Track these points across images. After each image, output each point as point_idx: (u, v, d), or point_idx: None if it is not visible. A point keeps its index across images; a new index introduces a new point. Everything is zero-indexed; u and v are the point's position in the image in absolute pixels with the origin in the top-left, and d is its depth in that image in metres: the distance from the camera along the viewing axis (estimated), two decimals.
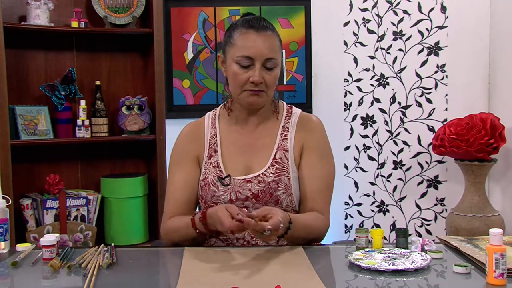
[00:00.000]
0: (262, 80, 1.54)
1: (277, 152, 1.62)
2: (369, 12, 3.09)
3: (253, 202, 1.58)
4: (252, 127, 1.66)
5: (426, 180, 3.10)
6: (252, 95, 1.57)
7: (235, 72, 1.55)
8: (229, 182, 1.59)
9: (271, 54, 1.55)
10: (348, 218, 3.17)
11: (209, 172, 1.62)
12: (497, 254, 1.14)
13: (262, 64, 1.54)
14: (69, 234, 2.62)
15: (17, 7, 2.73)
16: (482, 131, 2.62)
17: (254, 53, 1.53)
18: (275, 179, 1.58)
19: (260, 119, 1.66)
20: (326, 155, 1.65)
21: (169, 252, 1.48)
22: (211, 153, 1.64)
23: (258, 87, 1.55)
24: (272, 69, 1.56)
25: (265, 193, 1.58)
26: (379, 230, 1.45)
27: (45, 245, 1.39)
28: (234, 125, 1.67)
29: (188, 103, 3.10)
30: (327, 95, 3.13)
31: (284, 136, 1.64)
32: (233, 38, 1.57)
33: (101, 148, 2.93)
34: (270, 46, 1.55)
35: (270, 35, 1.57)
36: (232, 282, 1.17)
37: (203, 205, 1.65)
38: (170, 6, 3.06)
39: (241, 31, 1.56)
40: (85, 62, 2.88)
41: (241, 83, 1.56)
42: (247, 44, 1.54)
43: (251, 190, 1.58)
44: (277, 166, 1.60)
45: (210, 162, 1.63)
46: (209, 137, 1.67)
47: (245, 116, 1.65)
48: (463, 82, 3.04)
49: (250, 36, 1.55)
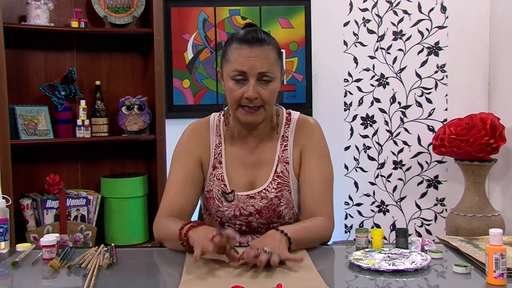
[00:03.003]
0: (257, 96, 1.50)
1: (278, 165, 1.62)
2: (369, 12, 3.09)
3: (256, 218, 1.59)
4: (253, 145, 1.64)
5: (426, 180, 3.10)
6: (247, 114, 1.53)
7: (231, 88, 1.53)
8: (233, 198, 1.60)
9: (265, 68, 1.50)
10: (348, 218, 3.17)
11: (214, 185, 1.62)
12: (497, 254, 1.14)
13: (256, 78, 1.50)
14: (69, 234, 2.62)
15: (17, 7, 2.73)
16: (482, 131, 2.62)
17: (247, 68, 1.50)
18: (277, 194, 1.59)
19: (260, 136, 1.64)
20: (324, 157, 1.65)
21: (169, 252, 1.48)
22: (216, 164, 1.64)
23: (254, 103, 1.51)
24: (268, 84, 1.52)
25: (268, 209, 1.59)
26: (379, 230, 1.45)
27: (45, 245, 1.39)
28: (236, 140, 1.65)
29: (188, 103, 3.10)
30: (327, 95, 3.13)
31: (284, 147, 1.64)
32: (227, 53, 1.55)
33: (101, 148, 2.93)
34: (265, 61, 1.50)
35: (265, 48, 1.52)
36: (234, 282, 1.17)
37: (207, 216, 1.66)
38: (170, 6, 3.06)
39: (235, 46, 1.53)
40: (85, 62, 2.88)
41: (236, 99, 1.52)
42: (239, 59, 1.51)
43: (254, 206, 1.59)
44: (279, 181, 1.60)
45: (214, 173, 1.63)
46: (214, 145, 1.65)
47: (245, 132, 1.63)
48: (463, 82, 3.04)
49: (243, 51, 1.51)
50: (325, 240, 1.57)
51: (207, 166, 1.65)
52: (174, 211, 1.57)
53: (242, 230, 1.61)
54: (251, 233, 1.62)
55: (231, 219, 1.61)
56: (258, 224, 1.61)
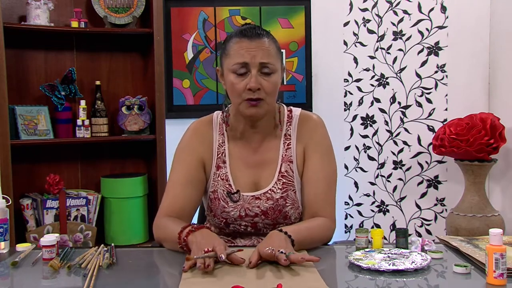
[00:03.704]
0: (259, 86, 1.50)
1: (282, 164, 1.61)
2: (369, 12, 3.09)
3: (262, 219, 1.58)
4: (256, 144, 1.63)
5: (426, 180, 3.10)
6: (251, 107, 1.53)
7: (232, 82, 1.53)
8: (238, 198, 1.59)
9: (266, 59, 1.51)
10: (348, 218, 3.17)
11: (218, 185, 1.61)
12: (497, 254, 1.14)
13: (258, 70, 1.51)
14: (69, 234, 2.62)
15: (17, 7, 2.73)
16: (482, 131, 2.62)
17: (248, 58, 1.50)
18: (282, 195, 1.58)
19: (263, 134, 1.63)
20: (327, 154, 1.64)
21: (169, 252, 1.48)
22: (219, 163, 1.63)
23: (256, 95, 1.51)
24: (269, 75, 1.52)
25: (274, 210, 1.58)
26: (379, 230, 1.45)
27: (45, 245, 1.39)
28: (239, 139, 1.64)
29: (188, 103, 3.10)
30: (327, 95, 3.13)
31: (287, 146, 1.63)
32: (227, 48, 1.55)
33: (101, 148, 2.93)
34: (265, 51, 1.51)
35: (264, 40, 1.53)
36: (234, 282, 1.17)
37: (212, 218, 1.64)
38: (170, 6, 3.06)
39: (234, 40, 1.54)
40: (85, 62, 2.88)
41: (239, 92, 1.52)
42: (240, 51, 1.51)
43: (260, 207, 1.58)
44: (284, 181, 1.60)
45: (218, 173, 1.62)
46: (218, 144, 1.64)
47: (249, 129, 1.62)
48: (463, 82, 3.04)
49: (243, 43, 1.52)
50: (327, 241, 1.56)
51: (210, 166, 1.63)
52: (174, 211, 1.56)
53: (247, 231, 1.60)
54: (256, 234, 1.61)
55: (237, 220, 1.59)
56: (264, 225, 1.59)
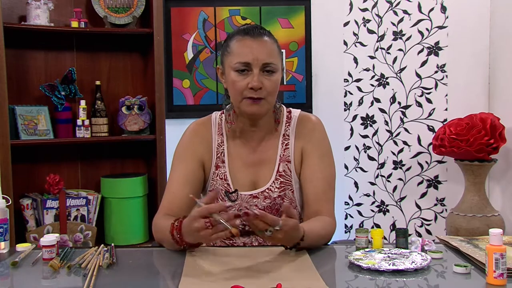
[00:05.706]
0: (261, 85, 1.51)
1: (280, 164, 1.62)
2: (369, 12, 3.09)
3: None
4: (255, 144, 1.64)
5: (426, 180, 3.10)
6: (252, 105, 1.53)
7: (234, 80, 1.53)
8: (236, 197, 1.60)
9: (268, 59, 1.52)
10: (348, 218, 3.17)
11: (217, 184, 1.62)
12: (497, 254, 1.14)
13: (260, 69, 1.52)
14: (69, 234, 2.62)
15: (17, 7, 2.73)
16: (482, 131, 2.62)
17: (251, 58, 1.51)
18: (280, 194, 1.59)
19: (263, 133, 1.64)
20: (326, 155, 1.65)
21: (169, 252, 1.48)
22: (218, 163, 1.63)
23: (258, 94, 1.52)
24: (271, 74, 1.53)
25: (272, 209, 1.59)
26: (379, 230, 1.45)
27: (45, 245, 1.39)
28: (238, 139, 1.65)
29: (188, 103, 3.10)
30: (327, 95, 3.13)
31: (285, 146, 1.64)
32: (230, 46, 1.56)
33: (101, 148, 2.93)
34: (268, 51, 1.53)
35: (267, 40, 1.54)
36: (234, 282, 1.17)
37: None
38: (170, 6, 3.06)
39: (237, 38, 1.55)
40: (85, 62, 2.88)
41: (240, 90, 1.53)
42: (243, 50, 1.52)
43: (257, 206, 1.58)
44: (281, 180, 1.60)
45: (217, 173, 1.63)
46: (217, 144, 1.65)
47: (249, 128, 1.63)
48: (463, 82, 3.04)
49: (246, 42, 1.53)
50: (330, 238, 1.57)
51: (209, 166, 1.64)
52: (172, 210, 1.57)
53: (245, 230, 1.61)
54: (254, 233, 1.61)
55: None
56: None
